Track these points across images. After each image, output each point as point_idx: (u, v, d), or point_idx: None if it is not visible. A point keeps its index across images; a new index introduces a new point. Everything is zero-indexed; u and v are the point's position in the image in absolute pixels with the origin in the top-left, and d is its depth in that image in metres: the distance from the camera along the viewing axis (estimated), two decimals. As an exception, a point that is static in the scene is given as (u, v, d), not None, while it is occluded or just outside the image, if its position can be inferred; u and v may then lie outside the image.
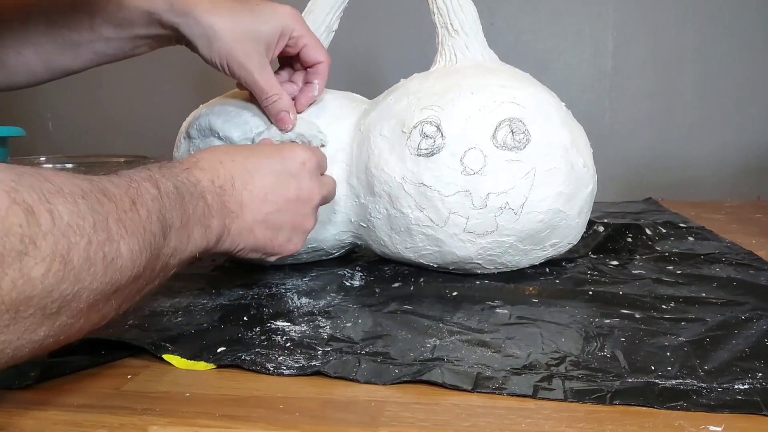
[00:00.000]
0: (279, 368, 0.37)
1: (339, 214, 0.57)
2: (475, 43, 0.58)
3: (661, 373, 0.36)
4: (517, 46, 1.10)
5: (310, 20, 0.61)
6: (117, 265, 0.30)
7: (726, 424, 0.30)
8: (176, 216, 0.36)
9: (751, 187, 1.08)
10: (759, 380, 0.34)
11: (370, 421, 0.31)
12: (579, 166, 0.53)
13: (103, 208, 0.30)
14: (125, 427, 0.31)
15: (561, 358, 0.38)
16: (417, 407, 0.33)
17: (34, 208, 0.26)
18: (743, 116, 1.08)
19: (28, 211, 0.26)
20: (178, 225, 0.36)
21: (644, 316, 0.45)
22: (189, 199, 0.38)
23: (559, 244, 0.55)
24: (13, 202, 0.26)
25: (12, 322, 0.26)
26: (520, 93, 0.53)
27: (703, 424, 0.30)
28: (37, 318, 0.27)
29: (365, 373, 0.36)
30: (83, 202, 0.29)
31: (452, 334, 0.42)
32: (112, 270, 0.30)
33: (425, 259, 0.55)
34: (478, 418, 0.31)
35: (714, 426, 0.30)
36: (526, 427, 0.30)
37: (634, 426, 0.30)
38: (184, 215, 0.37)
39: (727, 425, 0.30)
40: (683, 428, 0.30)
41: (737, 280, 0.52)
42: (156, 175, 0.37)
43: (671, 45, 1.08)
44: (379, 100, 0.58)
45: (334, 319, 0.45)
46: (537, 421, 0.31)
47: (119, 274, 0.31)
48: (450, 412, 0.32)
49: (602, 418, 0.31)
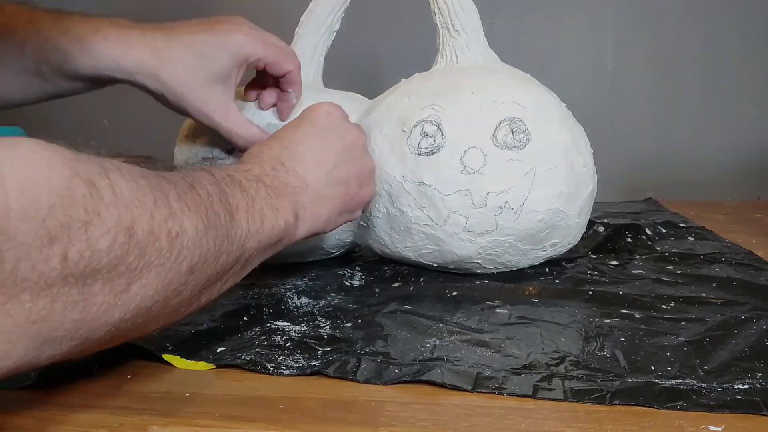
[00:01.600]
0: (279, 368, 0.37)
1: None
2: (475, 44, 0.58)
3: (660, 373, 0.36)
4: (517, 46, 1.10)
5: (311, 20, 0.61)
6: (183, 241, 0.30)
7: (726, 425, 0.30)
8: (239, 198, 0.36)
9: (752, 187, 1.08)
10: (759, 380, 0.34)
11: (370, 421, 0.31)
12: (579, 166, 0.53)
13: (162, 187, 0.30)
14: (125, 426, 0.31)
15: (561, 358, 0.38)
16: (417, 407, 0.33)
17: (95, 181, 0.26)
18: (743, 116, 1.08)
19: (90, 184, 0.26)
20: (244, 206, 0.36)
21: (644, 316, 0.45)
22: (247, 183, 0.38)
23: (559, 245, 0.55)
24: (75, 174, 0.25)
25: (80, 298, 0.26)
26: (521, 93, 0.53)
27: (703, 424, 0.30)
28: (106, 295, 0.27)
29: (365, 373, 0.36)
30: (143, 181, 0.29)
31: (452, 334, 0.42)
32: (179, 246, 0.30)
33: (425, 259, 0.55)
34: (478, 418, 0.31)
35: (714, 426, 0.30)
36: (526, 427, 0.30)
37: (634, 426, 0.30)
38: (247, 197, 0.37)
39: (727, 425, 0.30)
40: (683, 428, 0.30)
41: (737, 280, 0.52)
42: (207, 168, 0.37)
43: (672, 45, 1.08)
44: (380, 99, 0.58)
45: (334, 319, 0.45)
46: (537, 421, 0.31)
47: (186, 252, 0.30)
48: (450, 412, 0.32)
49: (602, 418, 0.31)
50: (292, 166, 0.43)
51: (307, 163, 0.43)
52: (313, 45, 0.62)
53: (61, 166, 0.25)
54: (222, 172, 0.37)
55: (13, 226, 0.23)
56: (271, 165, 0.42)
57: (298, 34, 0.62)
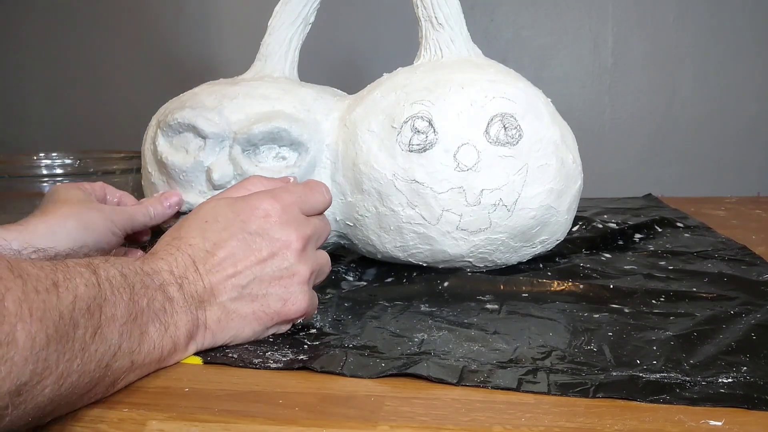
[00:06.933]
0: (266, 362, 0.37)
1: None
2: (459, 38, 0.57)
3: (646, 366, 0.36)
4: (516, 41, 1.10)
5: (285, 11, 0.60)
6: (7, 355, 0.25)
7: (726, 419, 0.30)
8: (121, 308, 0.31)
9: (751, 183, 1.07)
10: (743, 374, 0.34)
11: (370, 416, 0.31)
12: (569, 162, 0.53)
13: (2, 283, 0.25)
14: (124, 422, 0.31)
15: (547, 352, 0.38)
16: (416, 402, 0.33)
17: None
18: (743, 112, 1.07)
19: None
20: (123, 318, 0.31)
21: (633, 310, 0.45)
22: (142, 289, 0.33)
23: (548, 241, 0.55)
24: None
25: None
26: (510, 88, 0.53)
27: (703, 419, 0.30)
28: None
29: (351, 367, 0.36)
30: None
31: (441, 329, 0.42)
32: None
33: (415, 258, 0.54)
34: (477, 412, 0.31)
35: (714, 421, 0.30)
36: (525, 422, 0.30)
37: (633, 421, 0.30)
38: (133, 307, 0.32)
39: (727, 420, 0.30)
40: (683, 423, 0.30)
41: (728, 275, 0.52)
42: (96, 261, 0.32)
43: (671, 41, 1.07)
44: (364, 94, 0.57)
45: (324, 314, 0.45)
46: (536, 415, 0.31)
47: (12, 367, 0.25)
48: (449, 407, 0.32)
49: (602, 413, 0.31)
50: (206, 273, 0.38)
51: (222, 272, 0.38)
52: (287, 37, 0.61)
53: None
54: (113, 271, 0.32)
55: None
56: (182, 271, 0.37)
57: (271, 26, 0.61)
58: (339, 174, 0.54)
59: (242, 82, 0.57)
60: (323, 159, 0.55)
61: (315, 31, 0.63)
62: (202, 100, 0.55)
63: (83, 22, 1.21)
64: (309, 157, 0.54)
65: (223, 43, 1.17)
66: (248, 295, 0.39)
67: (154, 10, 1.18)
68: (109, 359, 0.31)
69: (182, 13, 1.17)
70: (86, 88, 1.23)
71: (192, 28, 1.18)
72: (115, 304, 0.31)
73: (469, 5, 0.87)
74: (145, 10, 1.18)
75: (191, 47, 1.18)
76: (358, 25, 1.13)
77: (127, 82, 1.21)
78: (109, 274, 0.32)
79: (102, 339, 0.30)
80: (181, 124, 0.54)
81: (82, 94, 1.24)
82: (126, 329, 0.32)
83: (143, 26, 1.19)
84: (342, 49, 1.13)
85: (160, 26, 1.18)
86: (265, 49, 0.61)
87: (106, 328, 0.30)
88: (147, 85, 1.19)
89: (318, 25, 0.63)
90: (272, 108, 0.55)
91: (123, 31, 1.20)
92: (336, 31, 1.11)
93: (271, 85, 0.57)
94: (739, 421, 0.30)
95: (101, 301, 0.30)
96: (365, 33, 1.13)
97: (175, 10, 1.17)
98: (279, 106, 0.55)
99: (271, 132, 0.53)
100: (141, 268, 0.35)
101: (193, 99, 0.56)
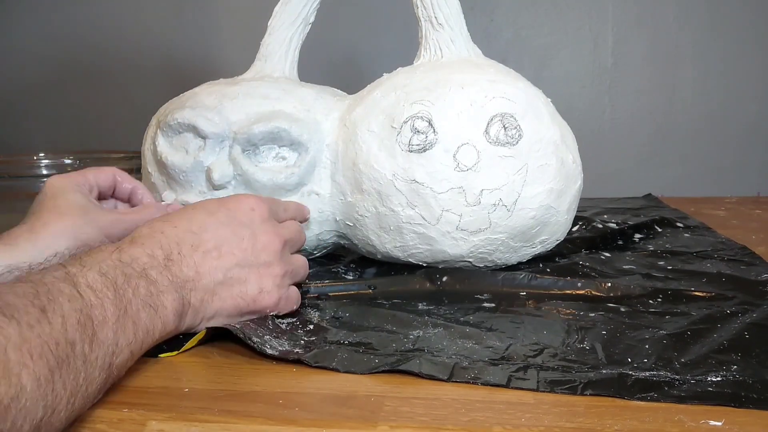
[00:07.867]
0: (263, 345, 0.38)
1: (323, 212, 0.56)
2: (459, 38, 0.57)
3: (636, 365, 0.36)
4: (516, 41, 1.10)
5: (285, 11, 0.60)
6: (20, 404, 0.25)
7: (726, 419, 0.30)
8: (109, 308, 0.32)
9: (751, 183, 1.07)
10: (733, 372, 0.34)
11: (370, 416, 0.31)
12: (569, 162, 0.53)
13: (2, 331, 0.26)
14: (124, 422, 0.31)
15: (540, 349, 0.38)
16: (416, 402, 0.33)
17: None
18: (743, 112, 1.07)
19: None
20: (114, 317, 0.32)
21: (629, 309, 0.45)
22: (124, 282, 0.34)
23: (548, 241, 0.55)
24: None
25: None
26: (510, 88, 0.53)
27: (703, 419, 0.30)
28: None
29: (345, 363, 0.37)
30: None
31: (436, 326, 0.42)
32: (14, 412, 0.25)
33: (414, 258, 0.54)
34: (477, 412, 0.31)
35: (714, 421, 0.30)
36: (525, 422, 0.30)
37: (633, 420, 0.30)
38: (120, 303, 0.33)
39: (727, 420, 0.30)
40: (683, 422, 0.30)
41: (727, 275, 0.52)
42: (73, 270, 0.32)
43: (671, 40, 1.07)
44: (364, 94, 0.57)
45: (322, 311, 0.46)
46: (537, 415, 0.31)
47: (26, 413, 0.25)
48: (449, 407, 0.32)
49: (602, 413, 0.31)
50: (190, 255, 0.39)
51: (207, 255, 0.40)
52: (287, 37, 0.61)
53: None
54: (91, 275, 0.32)
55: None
56: (167, 252, 0.38)
57: (271, 26, 0.61)
58: (339, 174, 0.54)
59: (242, 82, 0.58)
60: (323, 159, 0.55)
61: (315, 31, 0.63)
62: (202, 100, 0.55)
63: (83, 22, 1.21)
64: (309, 157, 0.54)
65: (223, 44, 1.17)
66: (230, 279, 0.41)
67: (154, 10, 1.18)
68: (110, 359, 0.32)
69: (182, 13, 1.18)
70: (86, 88, 1.23)
71: (192, 28, 1.18)
72: (102, 307, 0.32)
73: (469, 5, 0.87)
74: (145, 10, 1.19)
75: (191, 47, 1.18)
76: (358, 25, 1.13)
77: (127, 82, 1.21)
78: (88, 279, 0.32)
79: (99, 344, 0.31)
80: (181, 124, 0.54)
81: (82, 94, 1.24)
82: (119, 325, 0.32)
83: (143, 26, 1.19)
84: (342, 49, 1.13)
85: (160, 26, 1.18)
86: (265, 49, 0.62)
87: (100, 332, 0.31)
88: (147, 85, 1.19)
89: (318, 25, 0.63)
90: (272, 108, 0.55)
91: (123, 31, 1.20)
92: (336, 31, 1.11)
93: (271, 85, 0.57)
94: (739, 421, 0.30)
95: (89, 310, 0.31)
96: (365, 33, 1.13)
97: (175, 10, 1.18)
98: (279, 106, 0.55)
99: (271, 132, 0.53)
100: (119, 259, 0.35)
101: (193, 99, 0.56)
